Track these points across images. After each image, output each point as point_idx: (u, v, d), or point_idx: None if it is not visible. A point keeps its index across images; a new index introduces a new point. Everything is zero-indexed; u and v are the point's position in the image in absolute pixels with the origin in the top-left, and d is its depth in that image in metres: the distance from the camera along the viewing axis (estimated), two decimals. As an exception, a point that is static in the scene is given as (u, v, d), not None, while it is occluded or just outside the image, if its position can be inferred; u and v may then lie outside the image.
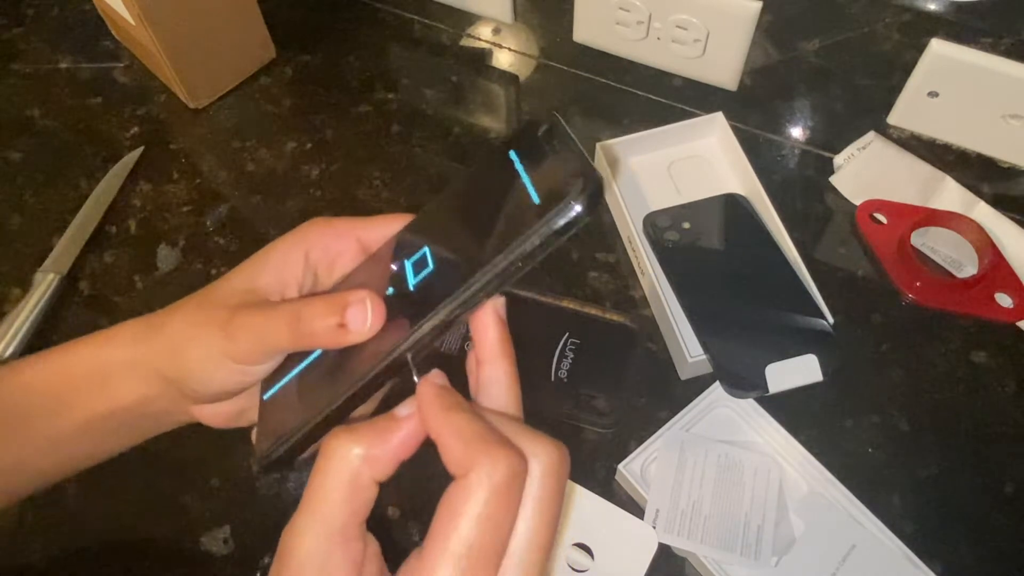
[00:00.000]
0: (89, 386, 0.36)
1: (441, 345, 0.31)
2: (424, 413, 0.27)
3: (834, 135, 0.65)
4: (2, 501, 0.39)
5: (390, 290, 0.31)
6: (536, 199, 0.27)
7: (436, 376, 0.28)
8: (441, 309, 0.28)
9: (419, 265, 0.31)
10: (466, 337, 0.50)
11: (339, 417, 0.31)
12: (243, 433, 0.54)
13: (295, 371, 0.34)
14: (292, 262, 0.35)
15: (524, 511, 0.25)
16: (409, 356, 0.29)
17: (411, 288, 0.30)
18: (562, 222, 0.26)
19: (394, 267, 0.32)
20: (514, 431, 0.26)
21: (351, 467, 0.26)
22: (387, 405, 0.29)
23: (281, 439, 0.32)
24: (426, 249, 0.31)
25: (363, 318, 0.29)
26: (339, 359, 0.31)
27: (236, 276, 0.35)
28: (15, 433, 0.37)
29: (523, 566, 0.25)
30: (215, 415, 0.37)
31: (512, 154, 0.30)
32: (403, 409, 0.27)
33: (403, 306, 0.30)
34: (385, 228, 0.35)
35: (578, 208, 0.26)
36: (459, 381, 0.29)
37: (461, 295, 0.28)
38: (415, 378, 0.28)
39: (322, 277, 0.36)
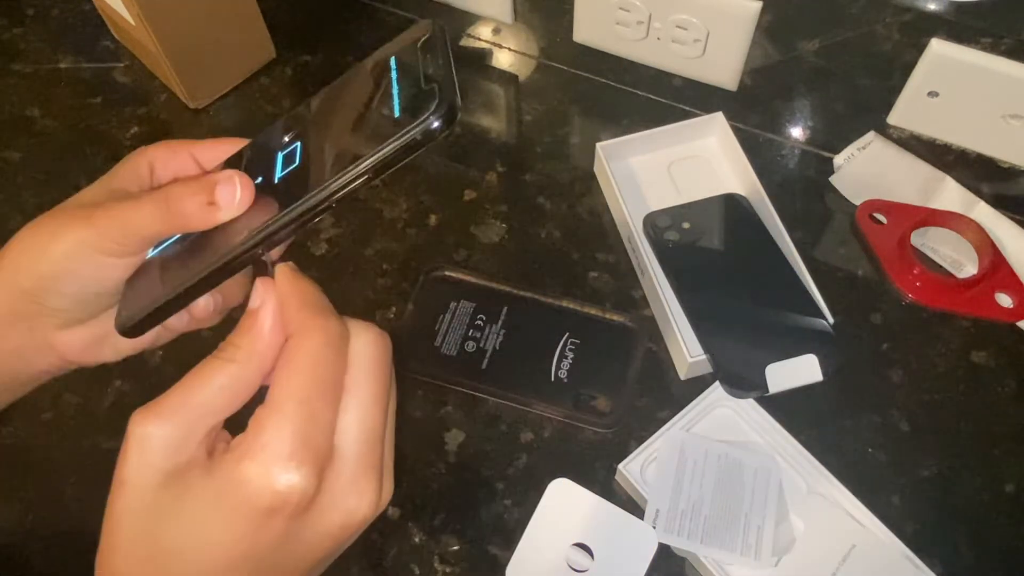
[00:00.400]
0: None
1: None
2: (281, 283, 0.28)
3: (834, 135, 0.65)
4: None
5: (259, 179, 0.32)
6: (396, 112, 0.29)
7: (290, 264, 0.30)
8: (295, 208, 0.29)
9: (288, 159, 0.32)
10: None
11: (194, 294, 0.32)
12: (243, 431, 0.54)
13: (156, 250, 0.34)
14: (140, 173, 0.35)
15: (352, 373, 0.27)
16: (261, 250, 0.30)
17: (275, 181, 0.31)
18: (409, 141, 0.28)
19: (267, 158, 0.33)
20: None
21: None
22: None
23: (139, 309, 0.32)
24: (298, 144, 0.32)
25: (232, 195, 0.30)
26: (200, 242, 0.32)
27: (87, 191, 0.35)
28: None
29: (356, 431, 0.27)
30: (79, 344, 0.35)
31: (392, 60, 0.31)
32: (255, 301, 0.29)
33: (266, 196, 0.31)
34: (217, 150, 0.35)
35: (428, 128, 0.28)
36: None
37: (311, 199, 0.29)
38: (269, 267, 0.30)
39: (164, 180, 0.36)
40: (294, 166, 0.31)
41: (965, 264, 0.59)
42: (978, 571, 0.49)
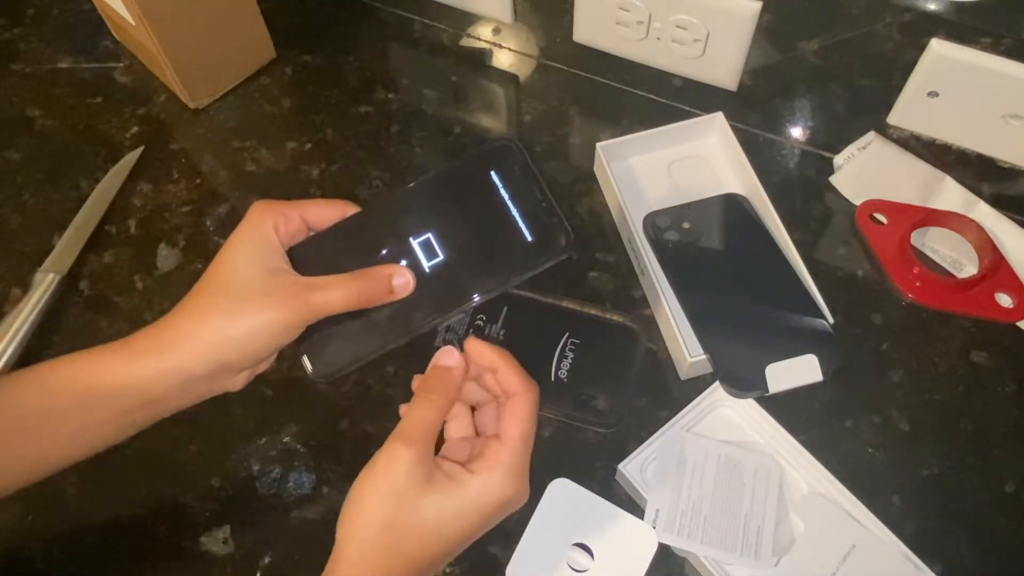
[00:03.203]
0: (123, 393, 0.39)
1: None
2: (483, 352, 0.42)
3: (834, 135, 0.65)
4: (18, 485, 0.41)
5: (403, 261, 0.42)
6: (528, 236, 0.41)
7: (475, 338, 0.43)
8: (464, 305, 0.42)
9: (427, 249, 0.42)
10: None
11: (384, 351, 0.42)
12: (243, 433, 0.55)
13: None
14: (274, 242, 0.42)
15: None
16: (441, 327, 0.44)
17: (426, 270, 0.42)
18: (551, 264, 0.41)
19: (395, 236, 0.42)
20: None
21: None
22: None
23: (342, 364, 0.42)
24: (430, 236, 0.42)
25: (405, 287, 0.42)
26: (382, 312, 0.42)
27: (241, 268, 0.40)
28: (38, 431, 0.40)
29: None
30: (240, 382, 0.42)
31: (495, 177, 0.41)
32: (448, 360, 0.41)
33: (423, 280, 0.42)
34: (324, 213, 0.43)
35: (564, 256, 0.41)
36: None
37: (474, 300, 0.41)
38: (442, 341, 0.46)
39: (285, 245, 0.43)
40: (439, 260, 0.42)
41: (965, 264, 0.59)
42: (978, 571, 0.49)
